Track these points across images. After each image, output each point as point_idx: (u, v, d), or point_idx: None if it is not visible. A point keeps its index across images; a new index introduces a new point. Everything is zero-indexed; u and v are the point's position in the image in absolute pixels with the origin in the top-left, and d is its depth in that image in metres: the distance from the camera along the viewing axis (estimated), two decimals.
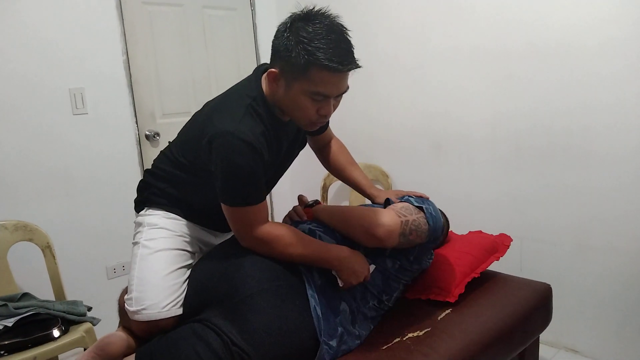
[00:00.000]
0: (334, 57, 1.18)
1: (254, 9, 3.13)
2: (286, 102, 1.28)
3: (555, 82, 2.08)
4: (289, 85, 1.25)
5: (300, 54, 1.18)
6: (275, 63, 1.27)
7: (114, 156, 2.54)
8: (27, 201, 2.28)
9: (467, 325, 1.47)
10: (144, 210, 1.50)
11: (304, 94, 1.23)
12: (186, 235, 1.46)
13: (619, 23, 1.88)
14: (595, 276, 2.09)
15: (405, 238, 1.38)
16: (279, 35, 1.24)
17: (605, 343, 2.11)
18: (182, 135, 1.48)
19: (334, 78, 1.21)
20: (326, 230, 1.44)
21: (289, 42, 1.20)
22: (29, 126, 2.27)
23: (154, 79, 2.73)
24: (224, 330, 1.21)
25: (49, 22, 2.29)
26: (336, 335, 1.31)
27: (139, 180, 1.56)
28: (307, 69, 1.19)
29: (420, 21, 2.51)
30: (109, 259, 2.56)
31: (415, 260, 1.51)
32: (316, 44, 1.17)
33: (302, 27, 1.20)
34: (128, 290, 1.39)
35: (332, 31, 1.21)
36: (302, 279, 1.33)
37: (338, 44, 1.20)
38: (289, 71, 1.23)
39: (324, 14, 1.24)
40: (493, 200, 2.38)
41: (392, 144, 2.77)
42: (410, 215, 1.40)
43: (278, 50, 1.24)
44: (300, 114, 1.29)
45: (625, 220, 1.98)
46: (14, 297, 1.89)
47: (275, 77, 1.27)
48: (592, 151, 2.02)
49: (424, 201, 1.50)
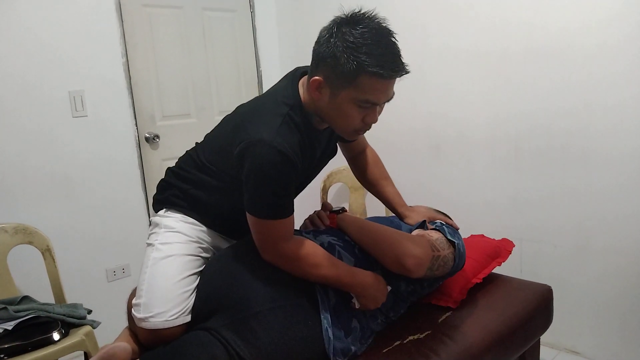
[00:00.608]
0: (385, 63, 1.13)
1: (253, 11, 3.13)
2: (330, 110, 1.22)
3: (554, 84, 2.08)
4: (334, 93, 1.18)
5: (349, 60, 1.12)
6: (319, 70, 1.19)
7: (113, 158, 2.54)
8: (26, 204, 2.28)
9: (468, 328, 1.46)
10: (162, 211, 1.46)
11: (351, 101, 1.18)
12: (202, 242, 1.42)
13: (618, 25, 1.88)
14: (596, 277, 2.09)
15: (431, 272, 1.36)
16: (323, 42, 1.17)
17: (606, 344, 2.11)
18: (212, 139, 1.44)
19: (383, 85, 1.16)
20: (346, 245, 1.39)
21: (335, 49, 1.13)
22: (28, 128, 2.27)
23: (153, 81, 2.73)
24: (231, 342, 1.18)
25: (48, 24, 2.30)
26: (349, 354, 1.28)
27: (160, 179, 1.52)
28: (357, 76, 1.13)
29: (420, 22, 2.51)
30: (109, 261, 2.56)
31: (428, 286, 1.50)
32: (365, 50, 1.11)
33: (349, 32, 1.13)
34: (137, 295, 1.35)
35: (380, 36, 1.15)
36: (316, 298, 1.29)
37: (387, 49, 1.15)
38: (335, 79, 1.16)
39: (371, 17, 1.18)
40: (493, 201, 2.37)
41: (391, 146, 2.77)
42: (443, 251, 1.37)
43: (323, 57, 1.17)
44: (344, 122, 1.23)
45: (625, 221, 1.98)
46: (14, 300, 1.89)
47: (319, 85, 1.19)
48: (592, 152, 2.02)
49: (454, 233, 1.46)
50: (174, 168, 1.49)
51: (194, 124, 2.92)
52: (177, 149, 2.77)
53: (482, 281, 1.65)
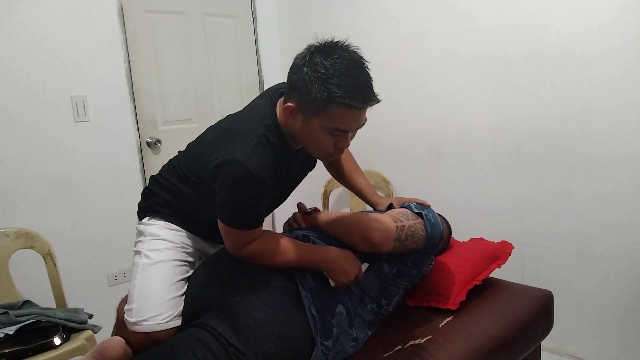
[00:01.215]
0: (355, 94, 1.15)
1: (255, 16, 3.15)
2: (303, 136, 1.26)
3: (555, 88, 2.09)
4: (306, 120, 1.21)
5: (319, 90, 1.15)
6: (292, 97, 1.23)
7: (115, 163, 2.55)
8: (28, 208, 2.28)
9: (469, 333, 1.46)
10: (146, 219, 1.51)
11: (322, 129, 1.21)
12: (187, 247, 1.48)
13: (619, 30, 1.89)
14: (597, 282, 2.09)
15: (400, 243, 1.38)
16: (297, 70, 1.20)
17: (608, 349, 2.10)
18: (192, 150, 1.49)
19: (354, 114, 1.19)
20: (320, 235, 1.46)
21: (307, 78, 1.16)
22: (30, 133, 2.28)
23: (155, 86, 2.74)
24: (220, 331, 1.22)
25: (51, 29, 2.31)
26: (332, 336, 1.31)
27: (144, 187, 1.58)
28: (327, 106, 1.16)
29: (421, 28, 2.52)
30: (110, 266, 2.56)
31: (414, 266, 1.51)
32: (336, 81, 1.14)
33: (321, 62, 1.16)
34: (128, 301, 1.39)
35: (351, 66, 1.17)
36: (295, 282, 1.34)
37: (358, 80, 1.17)
38: (307, 106, 1.20)
39: (343, 47, 1.20)
40: (493, 206, 2.38)
41: (392, 150, 2.77)
42: (407, 221, 1.40)
43: (296, 84, 1.20)
44: (317, 148, 1.27)
45: (626, 225, 1.98)
46: (15, 304, 1.89)
47: (292, 111, 1.23)
48: (593, 157, 2.03)
49: (423, 208, 1.50)
50: (157, 176, 1.54)
51: (195, 129, 2.91)
52: None
53: (481, 283, 1.65)
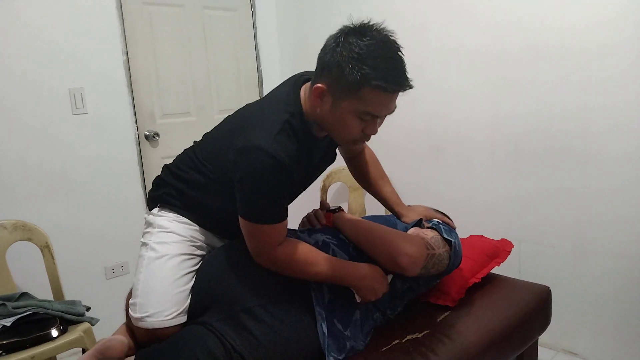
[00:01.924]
0: (389, 77, 1.12)
1: (254, 9, 3.14)
2: (330, 119, 1.21)
3: (554, 85, 2.09)
4: (336, 102, 1.17)
5: (353, 71, 1.11)
6: (322, 78, 1.18)
7: (113, 156, 2.54)
8: (26, 201, 2.27)
9: (466, 328, 1.46)
10: (156, 210, 1.45)
11: (352, 112, 1.17)
12: (196, 240, 1.42)
13: (618, 26, 1.89)
14: (594, 278, 2.10)
15: (426, 270, 1.36)
16: (329, 50, 1.16)
17: (604, 345, 2.12)
18: (210, 139, 1.43)
19: (386, 99, 1.16)
20: (340, 243, 1.40)
21: (341, 58, 1.12)
22: (28, 126, 2.27)
23: (153, 79, 2.73)
24: (226, 336, 1.18)
25: (49, 22, 2.29)
26: (345, 350, 1.28)
27: (156, 176, 1.51)
28: (360, 87, 1.12)
29: (420, 23, 2.51)
30: (108, 259, 2.56)
31: (424, 284, 1.51)
32: (371, 62, 1.10)
33: (355, 43, 1.12)
34: (132, 295, 1.35)
35: (386, 48, 1.14)
36: (309, 294, 1.29)
37: (393, 63, 1.14)
38: (338, 88, 1.15)
39: (378, 29, 1.17)
40: (492, 202, 2.38)
41: (391, 147, 2.77)
42: (438, 249, 1.37)
43: (327, 65, 1.16)
44: (344, 132, 1.23)
45: (623, 222, 1.99)
46: (13, 296, 1.89)
47: (321, 92, 1.18)
48: (591, 154, 2.03)
49: (451, 232, 1.46)
50: (171, 165, 1.48)
51: (193, 122, 2.92)
52: (176, 147, 2.74)
53: (480, 281, 1.66)
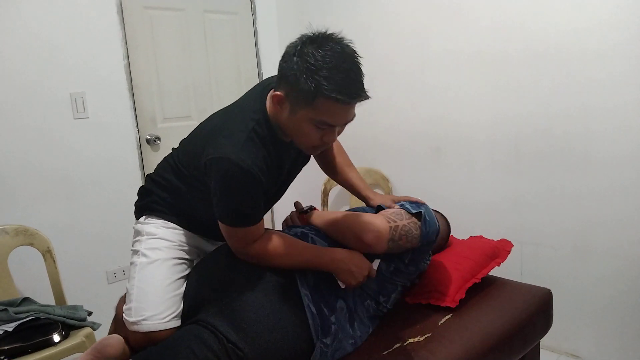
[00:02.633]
0: (343, 88, 1.13)
1: (254, 13, 3.14)
2: (289, 126, 1.24)
3: (554, 86, 2.09)
4: (293, 110, 1.20)
5: (308, 82, 1.13)
6: (280, 86, 1.21)
7: (114, 160, 2.55)
8: (27, 205, 2.28)
9: (468, 331, 1.46)
10: (143, 218, 1.50)
11: (308, 121, 1.19)
12: (185, 245, 1.47)
13: (618, 27, 1.89)
14: (596, 280, 2.09)
15: (394, 243, 1.37)
16: (288, 59, 1.18)
17: (606, 347, 2.11)
18: (185, 146, 1.48)
19: (341, 109, 1.17)
20: (319, 233, 1.45)
21: (297, 67, 1.14)
22: (30, 130, 2.27)
23: (154, 83, 2.73)
24: (219, 328, 1.21)
25: (50, 26, 2.30)
26: (330, 333, 1.31)
27: (140, 186, 1.57)
28: (314, 98, 1.14)
29: (420, 25, 2.51)
30: (110, 263, 2.56)
31: (411, 263, 1.50)
32: (325, 73, 1.12)
33: (312, 53, 1.13)
34: (127, 300, 1.38)
35: (342, 59, 1.15)
36: (294, 278, 1.33)
37: (348, 74, 1.14)
38: (294, 97, 1.18)
39: (336, 39, 1.17)
40: (493, 204, 2.38)
41: (391, 148, 2.77)
42: (401, 221, 1.39)
43: (285, 73, 1.18)
44: (303, 139, 1.26)
45: (625, 223, 1.98)
46: (15, 301, 1.89)
47: (279, 100, 1.21)
48: (592, 155, 2.03)
49: (419, 206, 1.49)
50: (153, 175, 1.53)
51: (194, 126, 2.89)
52: None
53: (480, 281, 1.66)
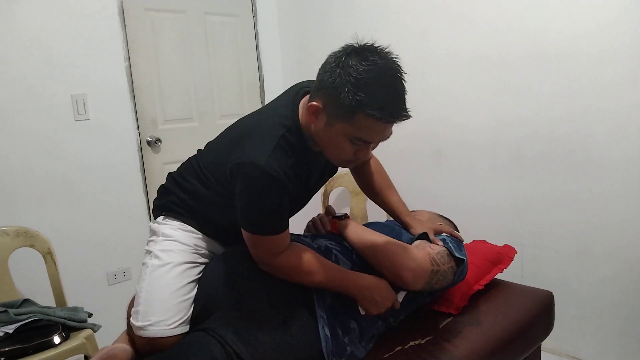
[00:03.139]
0: (386, 106, 1.09)
1: (255, 15, 3.15)
2: (323, 138, 1.19)
3: (556, 89, 2.08)
4: (330, 123, 1.15)
5: (349, 96, 1.07)
6: (318, 96, 1.15)
7: (115, 162, 2.55)
8: (28, 207, 2.28)
9: (469, 333, 1.46)
10: (160, 218, 1.45)
11: (344, 135, 1.14)
12: (200, 249, 1.42)
13: (620, 31, 1.89)
14: (597, 283, 2.09)
15: (429, 286, 1.35)
16: (329, 69, 1.12)
17: (608, 350, 2.10)
18: (211, 150, 1.43)
19: (380, 127, 1.13)
20: (343, 250, 1.39)
21: (339, 80, 1.09)
22: (30, 132, 2.27)
23: (155, 85, 2.73)
24: (228, 341, 1.18)
25: (51, 28, 2.30)
26: (345, 355, 1.27)
27: (161, 186, 1.52)
28: (354, 113, 1.09)
29: (421, 27, 2.51)
30: (110, 265, 2.56)
31: (429, 295, 1.51)
32: (368, 89, 1.07)
33: (355, 66, 1.08)
34: (135, 303, 1.34)
35: (387, 75, 1.10)
36: (312, 297, 1.29)
37: (392, 92, 1.11)
38: (333, 110, 1.12)
39: (381, 52, 1.12)
40: (494, 207, 2.37)
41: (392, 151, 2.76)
42: (443, 265, 1.35)
43: (325, 84, 1.12)
44: (335, 153, 1.21)
45: (626, 226, 1.98)
46: (15, 303, 1.88)
47: (316, 110, 1.16)
48: (593, 158, 2.02)
49: (461, 249, 1.44)
50: (175, 175, 1.48)
51: (195, 127, 2.92)
52: (178, 152, 2.78)
53: (483, 287, 1.65)
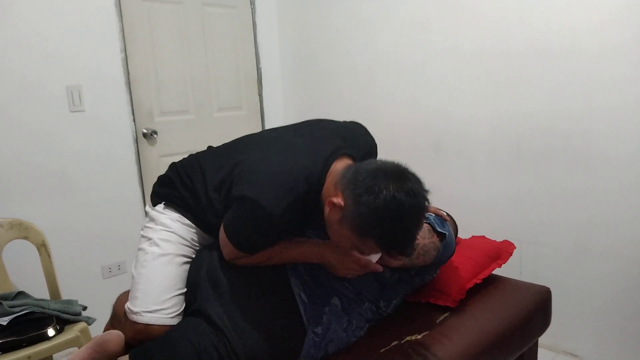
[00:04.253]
0: (396, 245, 1.14)
1: (253, 6, 3.12)
2: (331, 227, 1.21)
3: (556, 84, 2.07)
4: (343, 222, 1.16)
5: (366, 221, 1.10)
6: (343, 195, 1.15)
7: (110, 154, 2.53)
8: (22, 199, 2.26)
9: (466, 329, 1.46)
10: (160, 207, 1.44)
11: (349, 241, 1.18)
12: (197, 243, 1.45)
13: (621, 27, 1.87)
14: (595, 280, 2.08)
15: (410, 261, 1.36)
16: (358, 184, 1.12)
17: (605, 347, 2.10)
18: (221, 162, 1.39)
19: (384, 253, 1.20)
20: None
21: (363, 202, 1.10)
22: (25, 123, 2.25)
23: (152, 76, 2.71)
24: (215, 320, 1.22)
25: (47, 19, 2.27)
26: (322, 322, 1.30)
27: (163, 175, 1.50)
28: (366, 235, 1.13)
29: (422, 20, 2.49)
30: (105, 258, 2.55)
31: (417, 275, 1.50)
32: (386, 225, 1.10)
33: (384, 195, 1.08)
34: (132, 288, 1.36)
35: (408, 217, 1.11)
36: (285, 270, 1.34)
37: (406, 235, 1.13)
38: (349, 217, 1.14)
39: (414, 190, 1.11)
40: (492, 201, 2.36)
41: (391, 144, 2.74)
42: (423, 239, 1.37)
43: (351, 194, 1.13)
44: (336, 241, 1.25)
45: (625, 223, 1.97)
46: (9, 295, 1.87)
47: (335, 206, 1.16)
48: (593, 154, 2.01)
49: (444, 225, 1.46)
50: (179, 167, 1.47)
51: (192, 120, 2.90)
52: (175, 145, 2.76)
53: (481, 282, 1.65)
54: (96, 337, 1.33)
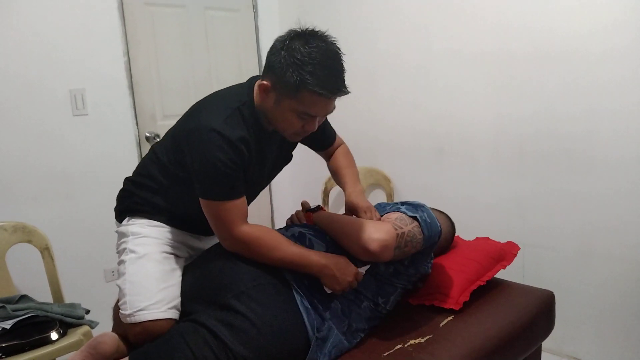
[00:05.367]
0: (326, 83, 1.22)
1: (256, 10, 3.13)
2: (274, 114, 1.32)
3: (559, 88, 2.07)
4: (278, 100, 1.28)
5: (293, 75, 1.22)
6: (267, 76, 1.30)
7: (113, 158, 2.53)
8: (26, 202, 2.27)
9: (469, 333, 1.45)
10: (126, 220, 1.49)
11: (292, 111, 1.28)
12: (171, 241, 1.47)
13: (623, 30, 1.88)
14: (599, 283, 2.08)
15: (400, 250, 1.36)
16: (275, 52, 1.27)
17: (609, 351, 2.10)
18: (167, 135, 1.50)
19: (322, 102, 1.26)
20: (316, 234, 1.44)
21: (284, 61, 1.23)
22: (29, 127, 2.26)
23: (155, 80, 2.72)
24: (214, 329, 1.21)
25: (50, 22, 2.29)
26: (323, 328, 1.30)
27: (120, 190, 1.56)
28: (298, 90, 1.23)
29: (424, 23, 2.50)
30: (108, 261, 2.53)
31: (411, 265, 1.49)
32: (309, 69, 1.21)
33: (298, 49, 1.22)
34: (120, 297, 1.38)
35: (327, 56, 1.24)
36: (286, 279, 1.33)
37: (331, 71, 1.24)
38: (280, 88, 1.26)
39: (322, 36, 1.27)
40: (495, 205, 2.36)
41: (394, 147, 2.76)
42: (406, 227, 1.38)
43: (272, 65, 1.27)
44: (285, 127, 1.34)
45: (628, 226, 1.97)
46: (12, 299, 1.88)
47: (266, 89, 1.30)
48: (596, 157, 2.01)
49: (417, 208, 1.47)
50: (132, 178, 1.54)
51: None
52: None
53: (486, 284, 1.64)
54: (90, 340, 1.34)
